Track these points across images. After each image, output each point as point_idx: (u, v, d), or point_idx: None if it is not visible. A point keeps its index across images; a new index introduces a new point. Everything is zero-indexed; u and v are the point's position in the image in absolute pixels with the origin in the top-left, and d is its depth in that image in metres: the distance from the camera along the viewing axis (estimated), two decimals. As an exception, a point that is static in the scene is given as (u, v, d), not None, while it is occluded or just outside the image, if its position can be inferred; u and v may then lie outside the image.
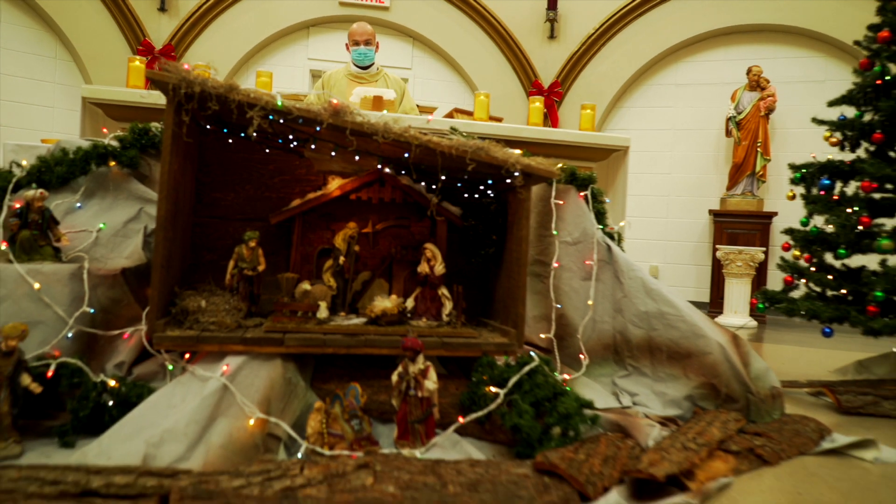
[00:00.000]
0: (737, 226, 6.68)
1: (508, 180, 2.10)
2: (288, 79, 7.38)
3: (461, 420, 1.86)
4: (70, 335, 1.90)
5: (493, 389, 1.90)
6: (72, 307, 1.93)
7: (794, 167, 3.38)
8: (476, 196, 2.38)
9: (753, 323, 6.13)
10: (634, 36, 7.43)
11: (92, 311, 1.94)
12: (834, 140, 3.20)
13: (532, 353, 2.01)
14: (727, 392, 2.37)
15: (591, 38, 7.48)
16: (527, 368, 1.94)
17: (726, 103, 7.05)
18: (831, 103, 3.33)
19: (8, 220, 2.00)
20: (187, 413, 1.70)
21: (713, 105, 7.22)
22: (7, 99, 6.48)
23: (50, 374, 1.74)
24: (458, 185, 2.35)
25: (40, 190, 2.00)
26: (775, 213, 6.65)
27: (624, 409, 2.36)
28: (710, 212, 6.98)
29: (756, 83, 6.83)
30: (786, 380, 3.49)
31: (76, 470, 1.39)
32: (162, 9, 6.97)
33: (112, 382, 1.79)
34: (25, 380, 1.68)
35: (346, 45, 4.49)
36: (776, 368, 3.88)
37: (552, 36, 7.60)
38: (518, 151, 2.07)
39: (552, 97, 7.56)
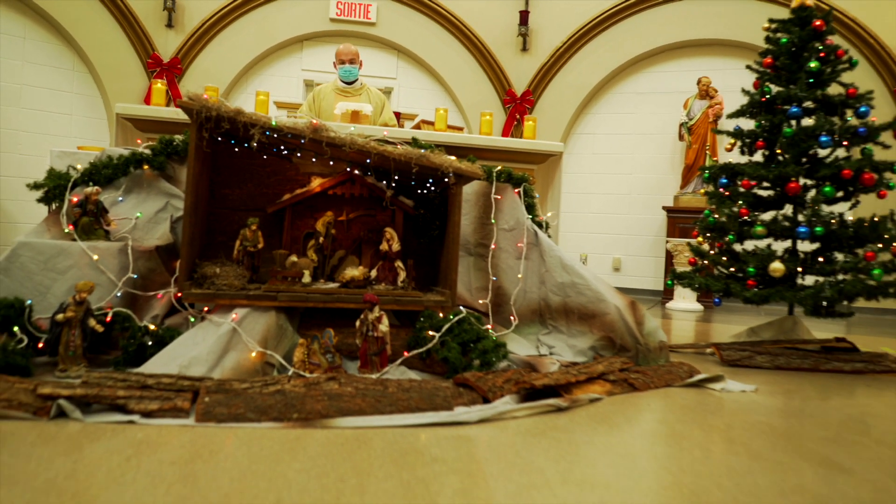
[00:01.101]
0: (687, 221, 7.34)
1: (446, 179, 2.75)
2: (284, 87, 8.02)
3: (406, 354, 2.52)
4: (119, 294, 2.55)
5: (431, 333, 2.56)
6: (120, 274, 2.58)
7: (702, 169, 4.04)
8: (424, 191, 3.04)
9: (700, 307, 6.80)
10: (598, 49, 8.10)
11: (135, 276, 2.59)
12: (728, 146, 3.86)
13: (461, 308, 2.67)
14: (621, 343, 3.02)
15: (559, 50, 8.14)
16: (456, 318, 2.60)
17: (680, 110, 7.72)
18: (730, 115, 4.00)
19: (71, 209, 2.65)
20: (207, 347, 2.35)
21: (669, 112, 7.89)
22: (30, 107, 7.11)
23: (108, 319, 2.39)
24: (412, 182, 3.00)
25: (96, 187, 2.65)
26: (722, 210, 7.31)
27: (541, 356, 3.02)
28: (665, 208, 7.64)
29: (705, 92, 7.49)
30: (690, 342, 4.17)
31: (136, 375, 2.03)
32: (169, 25, 7.60)
33: (152, 326, 2.44)
34: (92, 322, 2.32)
35: (334, 63, 5.14)
36: (702, 338, 4.55)
37: (524, 49, 8.25)
38: (453, 158, 2.72)
39: (524, 104, 8.22)
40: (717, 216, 3.78)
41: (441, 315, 2.66)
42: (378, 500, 1.35)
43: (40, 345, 2.32)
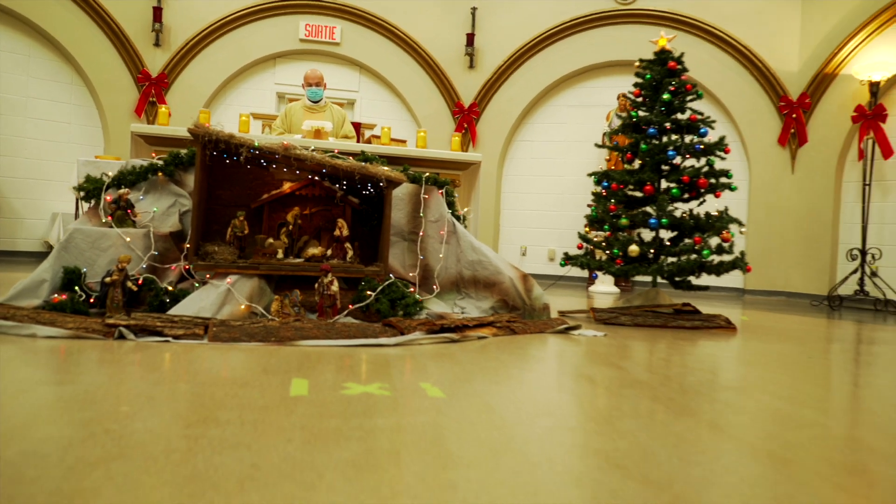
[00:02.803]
0: (608, 216, 8.43)
1: (382, 183, 3.75)
2: (259, 100, 8.92)
3: (351, 307, 3.51)
4: (144, 266, 3.50)
5: (369, 293, 3.55)
6: (145, 252, 3.52)
7: (590, 174, 5.09)
8: (367, 192, 4.03)
9: (616, 290, 7.89)
10: (535, 67, 9.14)
11: (156, 253, 3.54)
12: (607, 157, 4.91)
13: (391, 276, 3.67)
14: (513, 304, 4.05)
15: (501, 68, 9.17)
16: (387, 283, 3.60)
17: (603, 121, 8.80)
18: (608, 132, 5.05)
19: (107, 206, 3.59)
20: (210, 301, 3.31)
21: (594, 122, 8.95)
22: (34, 117, 7.91)
23: (140, 282, 3.34)
24: (358, 185, 3.99)
25: (126, 189, 3.59)
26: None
27: (453, 312, 4.02)
28: (589, 206, 8.71)
29: (624, 107, 8.58)
30: (583, 309, 5.21)
31: (166, 315, 2.99)
32: (157, 44, 8.44)
33: (170, 288, 3.40)
34: (129, 284, 3.27)
35: (303, 84, 6.09)
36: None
37: (471, 66, 9.26)
38: (386, 168, 3.71)
39: (471, 115, 9.24)
40: (598, 212, 4.83)
41: (377, 281, 3.66)
42: (324, 375, 2.34)
43: (91, 300, 3.27)
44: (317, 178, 3.84)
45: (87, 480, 1.17)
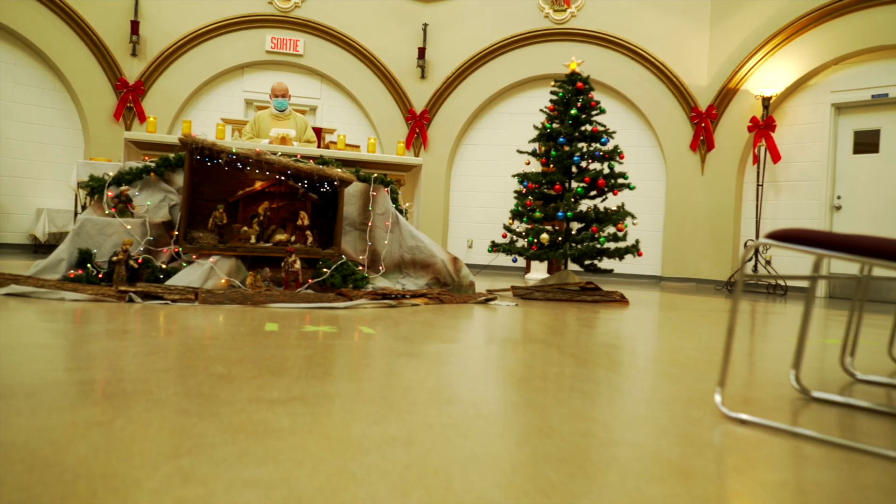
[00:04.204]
0: (543, 212, 9.37)
1: (336, 183, 4.56)
2: (228, 105, 9.61)
3: (311, 281, 4.33)
4: (142, 248, 4.25)
5: (325, 270, 4.37)
6: (142, 237, 4.28)
7: (514, 175, 5.97)
8: (324, 189, 4.84)
9: (547, 276, 8.80)
10: (480, 79, 10.02)
11: (151, 238, 4.30)
12: (527, 162, 5.81)
13: (344, 257, 4.49)
14: (444, 281, 4.91)
15: (450, 79, 10.04)
16: (339, 262, 4.42)
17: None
18: (531, 141, 5.95)
19: (110, 200, 4.33)
20: (197, 276, 4.08)
21: (532, 128, 9.87)
22: (20, 120, 8.49)
23: (140, 261, 4.09)
24: (317, 184, 4.80)
25: (125, 186, 4.34)
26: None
27: (394, 287, 4.86)
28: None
29: (558, 115, 9.51)
30: (503, 287, 6.08)
31: (164, 285, 3.76)
32: (133, 54, 9.08)
33: (163, 266, 4.16)
34: (131, 262, 4.03)
35: (270, 95, 6.84)
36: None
37: (423, 77, 10.10)
38: (340, 170, 4.53)
39: (423, 120, 10.07)
40: (519, 206, 5.73)
41: (332, 261, 4.48)
42: (290, 322, 3.16)
43: (100, 276, 4.02)
44: (283, 178, 4.64)
45: (126, 365, 1.99)
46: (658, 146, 9.46)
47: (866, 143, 8.09)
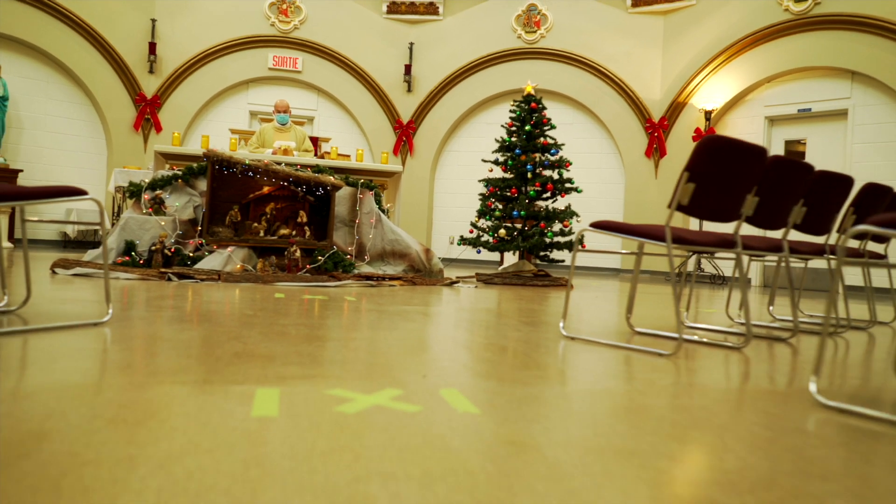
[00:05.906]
0: (515, 212, 10.36)
1: (329, 187, 5.55)
2: (234, 117, 10.58)
3: (308, 267, 5.31)
4: (173, 241, 5.23)
5: (320, 258, 5.35)
6: (173, 232, 5.26)
7: (480, 180, 6.95)
8: (320, 192, 5.82)
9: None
10: (460, 92, 11.00)
11: (180, 233, 5.27)
12: (490, 170, 6.80)
13: (335, 248, 5.48)
14: (418, 268, 5.89)
15: (433, 92, 11.02)
16: (332, 251, 5.41)
17: (513, 137, 10.71)
18: (494, 151, 6.94)
19: (146, 202, 5.31)
20: (217, 262, 5.06)
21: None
22: (50, 131, 9.45)
23: (172, 250, 5.07)
24: (314, 188, 5.78)
25: (159, 190, 5.31)
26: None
27: (377, 272, 5.84)
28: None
29: (529, 125, 10.49)
30: (469, 274, 7.07)
31: (194, 269, 4.73)
32: (151, 71, 10.05)
33: (190, 254, 5.14)
34: (165, 251, 5.00)
35: (273, 110, 7.81)
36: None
37: (409, 90, 11.08)
38: (332, 177, 5.51)
39: (409, 130, 11.06)
40: (483, 207, 6.72)
41: (325, 251, 5.47)
42: (293, 294, 4.15)
43: (141, 262, 4.99)
44: (285, 183, 5.62)
45: (194, 308, 2.99)
46: (617, 153, 10.46)
47: (795, 151, 9.12)
